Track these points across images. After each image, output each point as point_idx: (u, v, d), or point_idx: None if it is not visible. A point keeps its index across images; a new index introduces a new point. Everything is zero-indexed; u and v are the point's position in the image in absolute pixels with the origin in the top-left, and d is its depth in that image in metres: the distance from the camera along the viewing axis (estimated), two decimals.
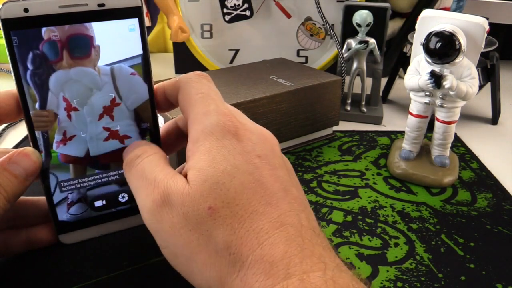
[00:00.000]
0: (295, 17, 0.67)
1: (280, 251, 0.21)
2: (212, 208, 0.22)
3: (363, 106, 0.60)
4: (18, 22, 0.24)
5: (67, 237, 0.30)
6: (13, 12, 0.24)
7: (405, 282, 0.31)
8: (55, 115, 0.27)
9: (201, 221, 0.22)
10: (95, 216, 0.30)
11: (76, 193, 0.29)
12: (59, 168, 0.29)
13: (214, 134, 0.24)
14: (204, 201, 0.22)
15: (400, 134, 0.54)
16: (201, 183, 0.23)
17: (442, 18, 0.40)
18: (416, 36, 0.42)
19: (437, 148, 0.45)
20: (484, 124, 0.60)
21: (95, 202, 0.30)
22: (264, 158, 0.24)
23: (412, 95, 0.44)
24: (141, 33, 0.27)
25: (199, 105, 0.26)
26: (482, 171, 0.47)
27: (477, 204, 0.41)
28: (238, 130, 0.25)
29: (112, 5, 0.26)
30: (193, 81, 0.27)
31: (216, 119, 0.25)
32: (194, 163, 0.24)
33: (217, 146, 0.24)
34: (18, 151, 0.27)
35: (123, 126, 0.29)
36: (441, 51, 0.39)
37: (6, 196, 0.26)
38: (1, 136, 0.55)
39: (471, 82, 0.40)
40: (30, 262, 0.31)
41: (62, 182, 0.29)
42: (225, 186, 0.23)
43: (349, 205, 0.41)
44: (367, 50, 0.57)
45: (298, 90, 0.48)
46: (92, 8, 0.26)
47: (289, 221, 0.22)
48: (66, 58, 0.26)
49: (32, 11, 0.24)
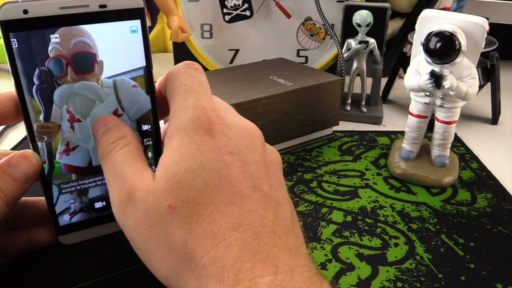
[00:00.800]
0: (295, 17, 0.67)
1: (233, 255, 0.21)
2: (171, 206, 0.22)
3: (363, 106, 0.60)
4: (17, 24, 0.24)
5: (67, 238, 0.30)
6: (12, 13, 0.24)
7: (405, 282, 0.31)
8: (58, 126, 0.27)
9: (160, 219, 0.22)
10: (95, 217, 0.30)
11: (78, 202, 0.29)
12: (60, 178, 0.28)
13: (186, 130, 0.24)
14: (165, 199, 0.22)
15: (400, 134, 0.54)
16: (164, 181, 0.23)
17: (442, 18, 0.40)
18: (416, 36, 0.42)
19: (437, 148, 0.45)
20: (484, 124, 0.60)
21: (95, 204, 0.30)
22: (236, 154, 0.23)
23: (412, 95, 0.44)
24: (143, 34, 0.27)
25: (180, 98, 0.25)
26: (482, 171, 0.47)
27: (477, 204, 0.41)
28: (212, 125, 0.24)
29: (114, 7, 0.25)
30: (179, 72, 0.26)
31: (191, 114, 0.24)
32: (163, 159, 0.24)
33: (186, 143, 0.23)
34: (17, 153, 0.27)
35: None
36: (441, 51, 0.39)
37: (5, 200, 0.26)
38: (1, 136, 0.55)
39: (471, 82, 0.40)
40: (30, 262, 0.31)
41: (62, 184, 0.29)
42: (188, 185, 0.22)
43: (349, 205, 0.41)
44: (367, 50, 0.57)
45: (298, 90, 0.48)
46: (93, 9, 0.25)
47: (249, 221, 0.22)
48: (70, 74, 0.26)
49: (31, 12, 0.24)
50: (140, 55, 0.27)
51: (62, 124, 0.27)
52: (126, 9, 0.26)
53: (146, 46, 0.27)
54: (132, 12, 0.26)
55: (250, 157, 0.24)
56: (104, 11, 0.25)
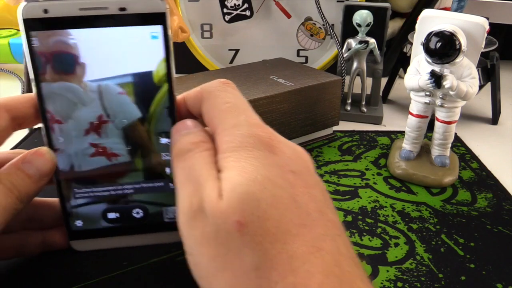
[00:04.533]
0: (295, 17, 0.67)
1: (316, 281, 0.19)
2: (240, 222, 0.20)
3: (363, 106, 0.60)
4: (37, 23, 0.24)
5: (79, 244, 0.29)
6: (33, 12, 0.24)
7: (405, 282, 0.31)
8: None
9: (229, 236, 0.20)
10: (108, 227, 0.29)
11: (91, 208, 0.29)
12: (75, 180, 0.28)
13: (245, 145, 0.22)
14: (232, 213, 0.20)
15: (400, 134, 0.54)
16: (229, 193, 0.21)
17: (442, 18, 0.40)
18: (416, 36, 0.42)
19: (437, 148, 0.45)
20: (484, 124, 0.60)
21: (108, 214, 0.29)
22: (298, 174, 0.22)
23: (412, 95, 0.44)
24: (165, 41, 0.26)
25: (228, 115, 0.24)
26: (482, 171, 0.47)
27: (477, 204, 0.41)
28: (272, 142, 0.23)
29: (134, 10, 0.25)
30: (218, 90, 0.25)
31: (247, 130, 0.23)
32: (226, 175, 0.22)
33: (246, 157, 0.22)
34: (32, 150, 0.26)
35: (111, 144, 0.27)
36: (441, 51, 0.39)
37: (19, 196, 0.25)
38: None
39: (471, 82, 0.40)
40: (30, 262, 0.31)
41: (75, 188, 0.28)
42: (255, 196, 0.20)
43: (349, 205, 0.41)
44: (367, 50, 0.57)
45: (298, 90, 0.48)
46: (113, 12, 0.25)
47: (325, 247, 0.20)
48: (49, 73, 0.26)
49: (51, 12, 0.24)
50: (160, 62, 0.26)
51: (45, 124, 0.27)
52: (147, 13, 0.25)
53: (167, 53, 0.26)
54: (154, 17, 0.25)
55: (310, 179, 0.23)
56: (124, 14, 0.25)
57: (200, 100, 0.26)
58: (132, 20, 0.25)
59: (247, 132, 0.23)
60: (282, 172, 0.22)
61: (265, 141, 0.23)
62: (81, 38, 0.25)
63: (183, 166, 0.24)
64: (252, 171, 0.21)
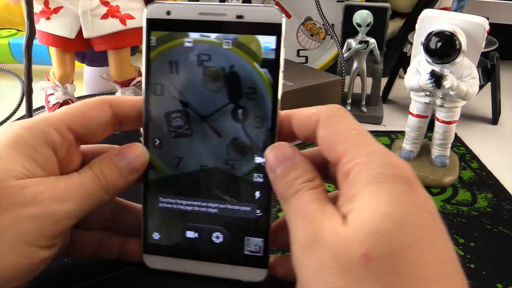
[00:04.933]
0: (295, 17, 0.67)
1: None
2: (366, 256, 0.19)
3: (363, 106, 0.60)
4: (159, 23, 0.25)
5: (152, 260, 0.28)
6: (156, 13, 0.25)
7: None
8: None
9: (352, 268, 0.19)
10: (184, 248, 0.27)
11: (171, 221, 0.27)
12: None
13: (383, 176, 0.21)
14: (358, 245, 0.19)
15: (400, 134, 0.54)
16: (357, 225, 0.20)
17: (443, 18, 0.40)
18: (416, 36, 0.42)
19: (437, 148, 0.45)
20: (484, 124, 0.60)
21: (187, 232, 0.27)
22: (435, 216, 0.21)
23: (412, 95, 0.44)
24: (276, 53, 0.25)
25: (357, 143, 0.23)
26: (482, 171, 0.47)
27: (478, 204, 0.41)
28: (411, 176, 0.21)
29: (251, 19, 0.25)
30: (338, 115, 0.24)
31: (383, 160, 0.22)
32: (355, 205, 0.21)
33: (383, 189, 0.20)
34: (127, 145, 0.27)
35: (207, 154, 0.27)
36: (441, 51, 0.39)
37: (105, 186, 0.25)
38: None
39: (471, 82, 0.40)
40: None
41: (161, 197, 0.27)
42: (387, 234, 0.19)
43: None
44: (367, 50, 0.57)
45: (298, 90, 0.48)
46: (230, 19, 0.25)
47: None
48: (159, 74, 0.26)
49: (173, 14, 0.25)
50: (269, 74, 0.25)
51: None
52: (263, 23, 0.25)
53: (276, 66, 0.25)
54: (269, 27, 0.25)
55: (442, 224, 0.21)
56: (240, 21, 0.25)
57: (313, 124, 0.24)
58: (247, 29, 0.25)
59: (384, 162, 0.22)
60: (422, 211, 0.21)
61: (405, 175, 0.21)
62: (196, 43, 0.25)
63: (294, 204, 0.23)
64: (387, 206, 0.20)
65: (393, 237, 0.19)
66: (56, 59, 0.56)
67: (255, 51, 0.25)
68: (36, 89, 0.55)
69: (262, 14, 0.25)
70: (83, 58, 0.63)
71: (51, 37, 0.53)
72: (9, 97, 0.64)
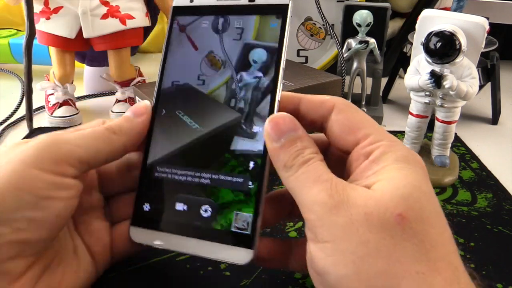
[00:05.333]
0: (295, 17, 0.67)
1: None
2: (403, 215, 0.20)
3: (363, 106, 0.60)
4: (183, 10, 0.30)
5: (138, 233, 0.28)
6: (182, 1, 0.30)
7: None
8: None
9: (386, 225, 0.20)
10: (172, 221, 0.27)
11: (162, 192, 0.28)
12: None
13: (408, 159, 0.23)
14: (394, 206, 0.21)
15: (400, 134, 0.54)
16: (390, 190, 0.21)
17: (442, 18, 0.40)
18: (416, 36, 0.42)
19: (437, 148, 0.45)
20: (484, 124, 0.60)
21: (177, 204, 0.27)
22: (435, 197, 0.23)
23: (412, 95, 0.44)
24: (281, 29, 0.28)
25: (378, 128, 0.25)
26: (482, 171, 0.47)
27: (477, 204, 0.41)
28: (424, 166, 0.24)
29: (262, 1, 0.28)
30: (354, 107, 0.26)
31: (408, 151, 0.24)
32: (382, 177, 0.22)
33: (410, 168, 0.23)
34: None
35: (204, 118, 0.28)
36: (441, 51, 0.39)
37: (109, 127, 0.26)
38: (1, 136, 0.55)
39: (471, 82, 0.40)
40: None
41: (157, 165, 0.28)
42: (421, 202, 0.21)
43: None
44: (367, 50, 0.57)
45: (298, 90, 0.48)
46: (244, 2, 0.29)
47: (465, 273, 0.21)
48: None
49: (196, 1, 0.30)
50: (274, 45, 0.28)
51: None
52: (272, 4, 0.28)
53: (281, 41, 0.27)
54: (277, 8, 0.28)
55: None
56: (252, 4, 0.29)
57: (328, 109, 0.26)
58: (258, 10, 0.28)
59: (409, 152, 0.24)
60: (431, 192, 0.23)
61: (420, 163, 0.24)
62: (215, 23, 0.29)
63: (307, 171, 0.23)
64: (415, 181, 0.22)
65: (425, 206, 0.21)
66: (56, 59, 0.56)
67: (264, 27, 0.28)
68: (36, 89, 0.55)
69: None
70: (83, 58, 0.63)
71: (51, 37, 0.54)
72: (9, 97, 0.64)
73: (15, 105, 0.60)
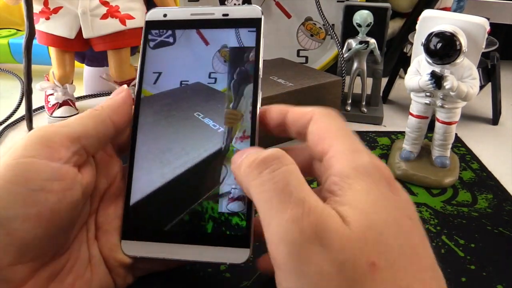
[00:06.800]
0: (295, 17, 0.67)
1: None
2: (375, 265, 0.19)
3: (364, 106, 0.59)
4: (157, 24, 0.30)
5: (130, 246, 0.27)
6: (155, 16, 0.30)
7: None
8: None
9: (358, 277, 0.18)
10: (165, 230, 0.26)
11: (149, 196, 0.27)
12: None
13: (371, 176, 0.21)
14: (368, 252, 0.19)
15: (401, 135, 0.54)
16: (364, 229, 0.19)
17: (443, 18, 0.40)
18: (417, 36, 0.42)
19: (438, 149, 0.45)
20: (485, 125, 0.59)
21: (168, 212, 0.26)
22: (414, 222, 0.21)
23: (412, 96, 0.44)
24: (257, 41, 0.28)
25: (346, 141, 0.24)
26: (483, 172, 0.46)
27: (478, 205, 0.41)
28: (391, 180, 0.22)
29: (235, 16, 0.29)
30: (331, 116, 0.25)
31: (369, 160, 0.22)
32: (350, 200, 0.20)
33: (374, 190, 0.21)
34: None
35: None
36: (441, 52, 0.39)
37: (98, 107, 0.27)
38: (1, 136, 0.55)
39: (471, 82, 0.40)
40: None
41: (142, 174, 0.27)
42: (389, 242, 0.19)
43: None
44: (367, 50, 0.57)
45: (298, 90, 0.48)
46: (218, 17, 0.29)
47: None
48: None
49: (169, 16, 0.30)
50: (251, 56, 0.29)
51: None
52: (244, 18, 0.29)
53: (257, 52, 0.28)
54: (250, 21, 0.29)
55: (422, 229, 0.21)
56: (226, 18, 0.29)
57: (307, 120, 0.25)
58: (232, 24, 0.29)
59: (369, 161, 0.22)
60: (403, 217, 0.21)
61: (387, 177, 0.22)
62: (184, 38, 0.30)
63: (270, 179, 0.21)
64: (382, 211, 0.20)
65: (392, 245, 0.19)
66: (55, 59, 0.56)
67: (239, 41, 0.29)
68: (35, 89, 0.55)
69: (244, 11, 0.29)
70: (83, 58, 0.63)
71: (50, 37, 0.53)
72: (9, 97, 0.64)
73: (15, 105, 0.59)
